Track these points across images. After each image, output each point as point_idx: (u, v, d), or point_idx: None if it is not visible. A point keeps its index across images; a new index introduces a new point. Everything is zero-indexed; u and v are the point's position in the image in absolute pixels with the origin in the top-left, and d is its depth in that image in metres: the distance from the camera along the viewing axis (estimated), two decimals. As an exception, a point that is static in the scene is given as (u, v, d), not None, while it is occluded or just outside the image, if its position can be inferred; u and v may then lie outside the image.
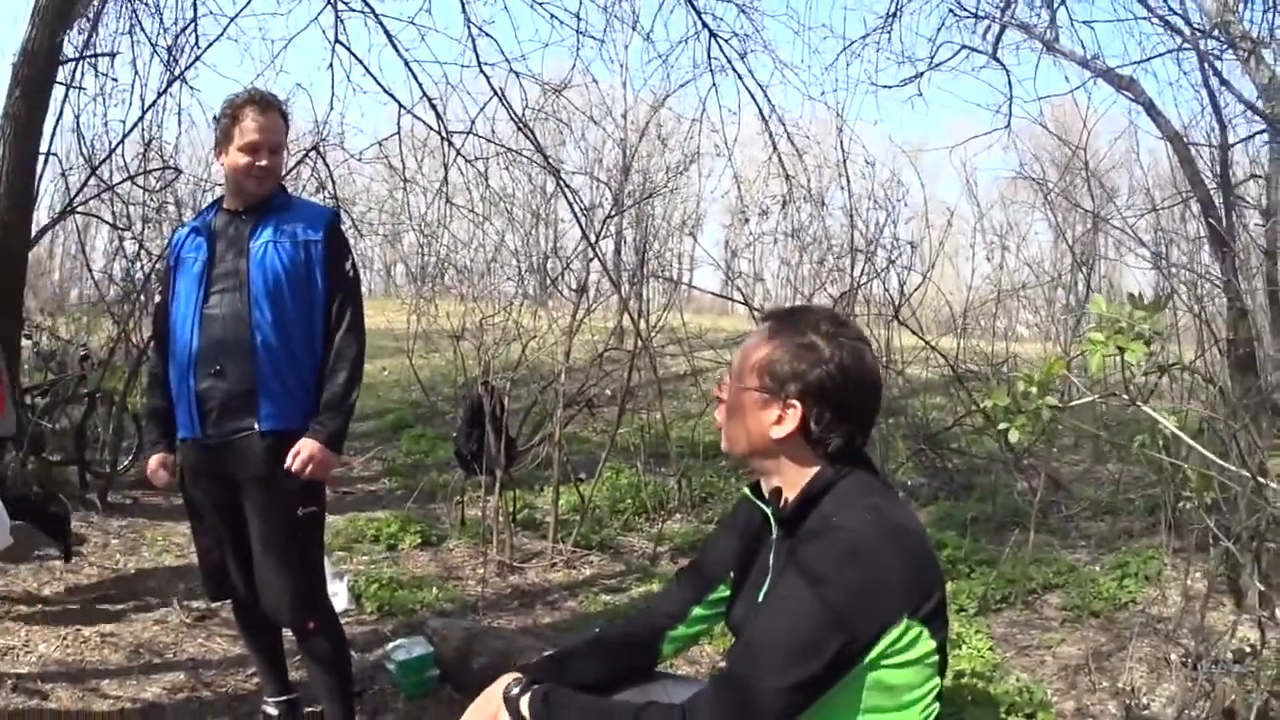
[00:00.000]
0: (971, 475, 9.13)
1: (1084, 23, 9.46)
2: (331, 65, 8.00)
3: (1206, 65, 7.80)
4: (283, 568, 3.86)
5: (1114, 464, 9.27)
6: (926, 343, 9.29)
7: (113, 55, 8.47)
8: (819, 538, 2.04)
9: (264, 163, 3.84)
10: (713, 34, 8.93)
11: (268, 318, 3.78)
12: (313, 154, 8.62)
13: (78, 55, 8.18)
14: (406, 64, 7.91)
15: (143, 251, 9.11)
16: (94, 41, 8.44)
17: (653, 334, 8.43)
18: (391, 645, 4.99)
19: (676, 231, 10.52)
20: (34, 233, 7.99)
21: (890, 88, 9.56)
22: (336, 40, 7.84)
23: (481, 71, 7.98)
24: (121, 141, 8.44)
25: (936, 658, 2.08)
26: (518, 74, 8.11)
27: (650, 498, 8.32)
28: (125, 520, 7.35)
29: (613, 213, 8.53)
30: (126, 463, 8.44)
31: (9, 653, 5.00)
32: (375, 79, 8.19)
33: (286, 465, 3.70)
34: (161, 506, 7.86)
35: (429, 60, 16.82)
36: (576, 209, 8.28)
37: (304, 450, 3.72)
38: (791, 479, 2.23)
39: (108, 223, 9.04)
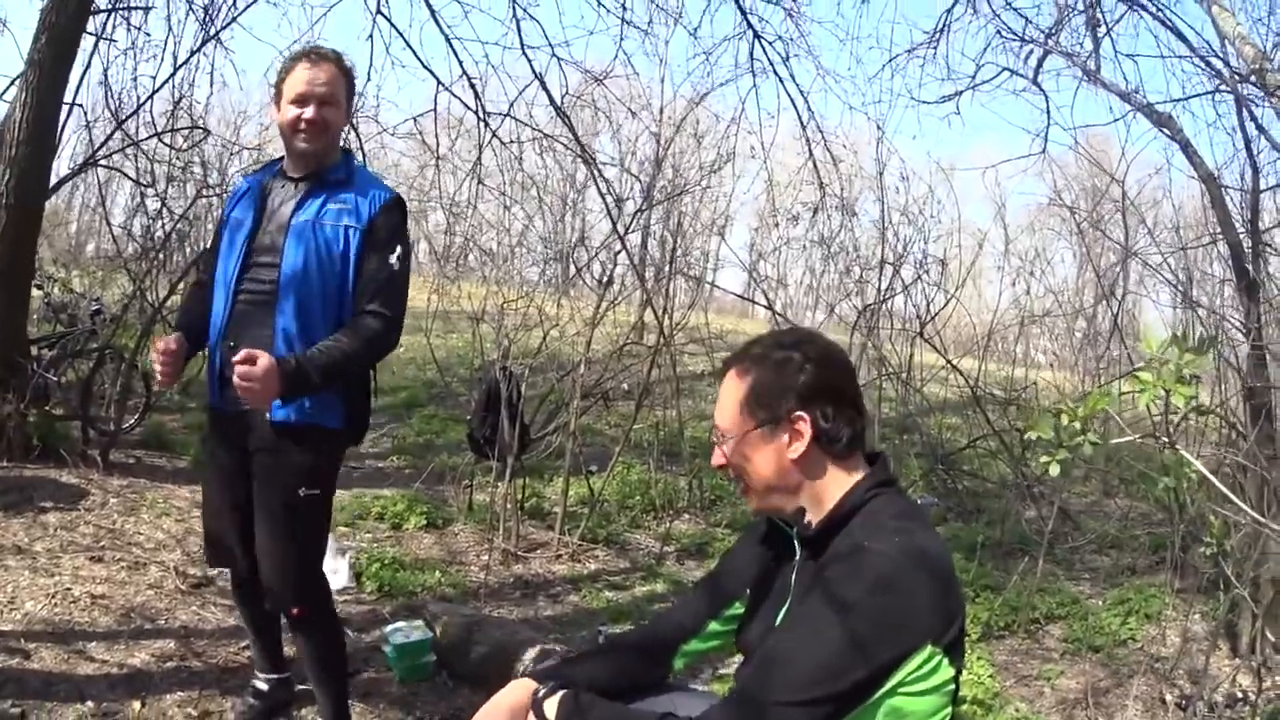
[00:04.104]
0: (981, 498, 8.94)
1: (1127, 55, 9.18)
2: (372, 36, 7.76)
3: (1244, 110, 7.67)
4: (275, 547, 3.61)
5: (1121, 498, 9.22)
6: (949, 361, 9.02)
7: (146, 9, 8.18)
8: (847, 561, 1.98)
9: (310, 114, 3.49)
10: (757, 35, 8.73)
11: (291, 303, 3.48)
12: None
13: (110, 6, 7.89)
14: (449, 41, 7.66)
15: (165, 210, 8.82)
16: (125, -3, 8.16)
17: (675, 332, 8.16)
18: (390, 628, 4.81)
19: (705, 230, 10.19)
20: (53, 183, 7.70)
21: (930, 103, 9.42)
22: (378, 11, 7.56)
23: (524, 54, 7.72)
24: (150, 97, 8.18)
25: (952, 686, 2.01)
26: (560, 59, 7.86)
27: (659, 495, 8.15)
28: (126, 480, 7.06)
29: (643, 206, 8.24)
30: (132, 421, 8.16)
31: (-7, 608, 4.74)
32: (415, 53, 7.94)
33: (235, 360, 3.20)
34: (165, 468, 7.64)
35: (470, 39, 16.40)
36: (609, 200, 8.03)
37: (260, 362, 3.15)
38: (814, 495, 2.18)
39: (131, 178, 8.74)
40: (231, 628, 4.88)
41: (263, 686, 4.06)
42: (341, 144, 3.80)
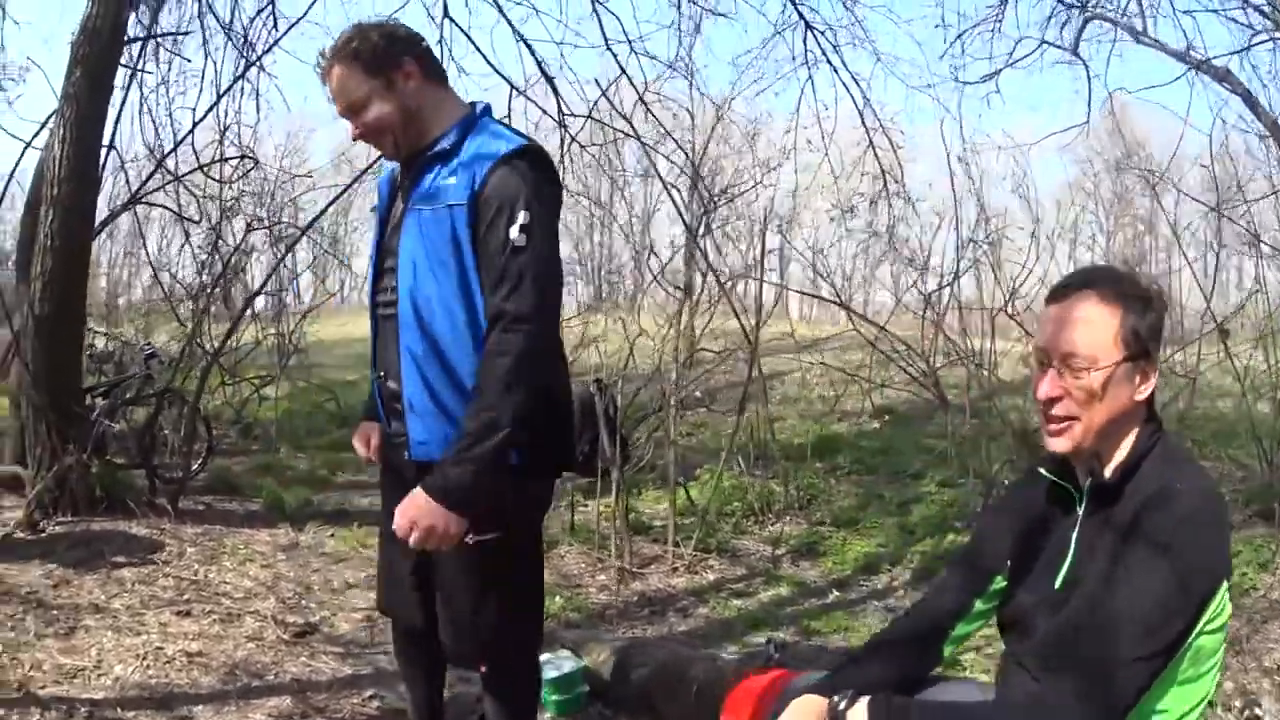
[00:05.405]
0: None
1: (1185, 12, 8.46)
2: (441, 41, 7.00)
3: None
4: (448, 599, 2.82)
5: (1201, 460, 8.50)
6: (1028, 334, 8.16)
7: (177, 35, 7.43)
8: (1159, 505, 1.86)
9: (353, 133, 2.79)
10: (808, 25, 8.02)
11: (411, 314, 2.68)
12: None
13: (145, 34, 7.11)
14: (525, 41, 6.90)
15: (220, 244, 7.97)
16: (156, 25, 7.40)
17: (759, 334, 7.36)
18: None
19: (764, 229, 9.39)
20: (98, 222, 6.89)
21: (970, 83, 8.81)
22: (445, 15, 6.76)
23: (609, 49, 6.99)
24: (193, 129, 7.36)
25: (1229, 623, 1.93)
26: (638, 53, 7.26)
27: (757, 500, 7.43)
28: (200, 527, 6.20)
29: (715, 206, 7.44)
30: (196, 466, 7.29)
31: (79, 674, 3.87)
32: (485, 58, 7.15)
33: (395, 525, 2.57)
34: (238, 512, 6.83)
35: (541, 39, 15.17)
36: (680, 203, 7.26)
37: (408, 512, 2.53)
38: (1115, 445, 2.01)
39: (180, 215, 7.88)
40: (349, 677, 4.12)
41: (413, 738, 3.23)
42: (468, 100, 2.88)
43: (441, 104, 2.78)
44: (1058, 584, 2.02)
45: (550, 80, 6.93)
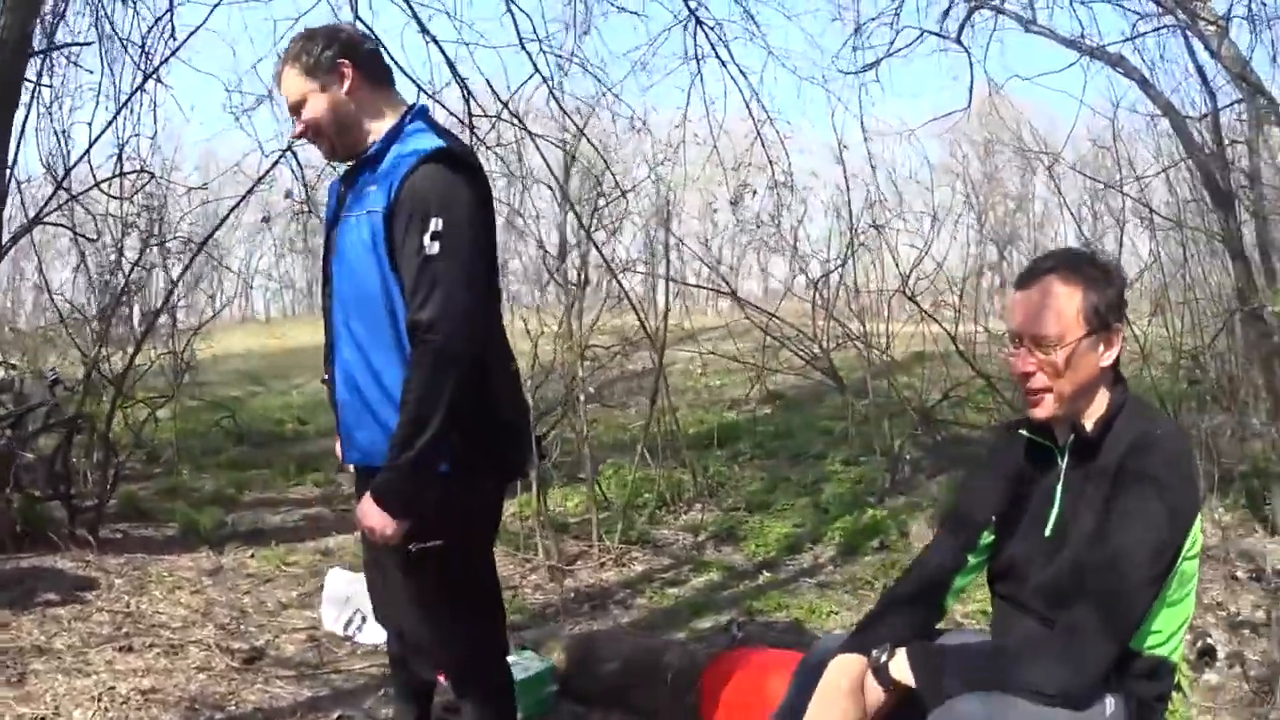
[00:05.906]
0: (959, 446, 8.43)
1: (1081, 2, 8.77)
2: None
3: (1193, 37, 7.64)
4: (402, 608, 2.87)
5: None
6: (925, 312, 8.42)
7: (75, 46, 7.13)
8: (1143, 449, 2.11)
9: (295, 130, 2.80)
10: (699, 21, 8.06)
11: (342, 324, 2.71)
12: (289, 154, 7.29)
13: (46, 47, 6.82)
14: (436, 42, 6.70)
15: (122, 262, 7.66)
16: (55, 36, 7.10)
17: (666, 325, 7.44)
18: (505, 664, 3.97)
19: (652, 223, 9.40)
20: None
21: (853, 73, 9.03)
22: (356, 16, 6.58)
23: (524, 49, 6.90)
24: (90, 147, 6.99)
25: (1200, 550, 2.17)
26: (546, 52, 7.21)
27: (667, 490, 7.52)
28: (123, 557, 6.00)
29: (608, 202, 7.44)
30: (107, 492, 7.04)
31: (40, 724, 3.74)
32: (393, 59, 6.92)
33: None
34: (156, 539, 6.65)
35: (450, 40, 14.64)
36: (572, 197, 7.27)
37: (360, 514, 2.63)
38: (1088, 405, 2.25)
39: (77, 234, 7.55)
40: (309, 700, 4.05)
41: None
42: (407, 103, 2.86)
43: (380, 107, 2.78)
44: (1048, 532, 2.25)
45: (461, 80, 6.81)
